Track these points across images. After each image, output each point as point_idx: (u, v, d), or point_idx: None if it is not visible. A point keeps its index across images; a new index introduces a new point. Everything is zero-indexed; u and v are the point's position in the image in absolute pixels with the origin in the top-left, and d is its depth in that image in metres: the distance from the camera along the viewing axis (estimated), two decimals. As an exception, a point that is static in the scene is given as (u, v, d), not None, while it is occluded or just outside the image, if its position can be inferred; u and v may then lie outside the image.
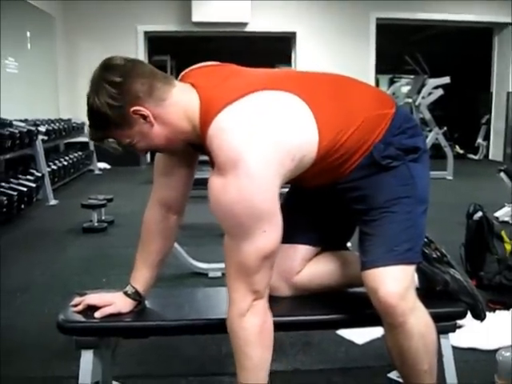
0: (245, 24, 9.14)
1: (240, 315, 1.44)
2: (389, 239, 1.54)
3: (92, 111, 1.45)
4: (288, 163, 1.43)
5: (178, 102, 1.48)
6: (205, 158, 1.60)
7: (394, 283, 1.50)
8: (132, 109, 1.43)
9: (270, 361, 1.49)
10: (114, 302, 1.67)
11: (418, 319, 1.55)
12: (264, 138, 1.39)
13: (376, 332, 2.43)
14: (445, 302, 1.74)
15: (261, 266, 1.43)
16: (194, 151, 1.62)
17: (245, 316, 1.44)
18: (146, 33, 9.31)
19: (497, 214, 4.80)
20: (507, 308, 2.73)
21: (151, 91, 1.44)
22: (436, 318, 1.61)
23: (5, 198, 4.68)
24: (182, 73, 1.61)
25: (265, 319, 1.47)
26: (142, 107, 1.44)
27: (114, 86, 1.42)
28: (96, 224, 4.72)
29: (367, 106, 1.59)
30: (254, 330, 1.44)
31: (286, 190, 1.80)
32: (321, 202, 1.75)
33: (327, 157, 1.52)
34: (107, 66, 1.46)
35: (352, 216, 1.66)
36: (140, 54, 8.98)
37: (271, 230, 1.42)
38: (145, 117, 1.45)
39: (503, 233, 3.17)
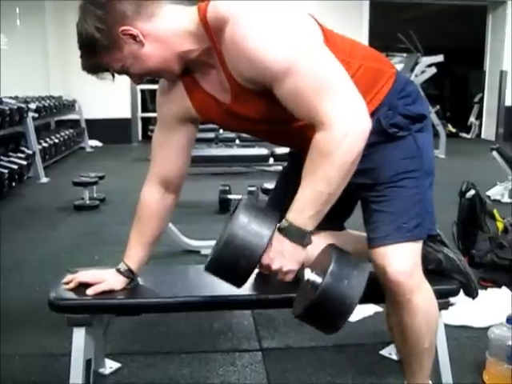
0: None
1: (346, 133, 1.25)
2: (397, 215, 1.50)
3: (81, 38, 1.41)
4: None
5: (171, 13, 1.42)
6: (202, 135, 1.57)
7: (403, 261, 1.48)
8: (120, 29, 1.38)
9: None
10: (106, 279, 1.65)
11: (423, 296, 1.54)
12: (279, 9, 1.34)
13: (368, 310, 2.44)
14: (438, 279, 1.73)
15: (341, 79, 1.29)
16: (191, 109, 1.57)
17: (350, 135, 1.25)
18: None
19: (489, 193, 4.82)
20: (498, 286, 2.74)
21: (139, 9, 1.39)
22: (430, 295, 1.61)
23: (-5, 176, 4.66)
24: None
25: (363, 148, 1.29)
26: (131, 26, 1.39)
27: (100, 7, 1.37)
28: (87, 202, 4.71)
29: (367, 57, 1.54)
30: (353, 154, 1.27)
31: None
32: None
33: None
34: None
35: (355, 192, 1.57)
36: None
37: (319, 43, 1.33)
38: (134, 36, 1.39)
39: (495, 211, 3.17)
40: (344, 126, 1.25)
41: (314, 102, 1.27)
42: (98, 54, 1.42)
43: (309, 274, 1.36)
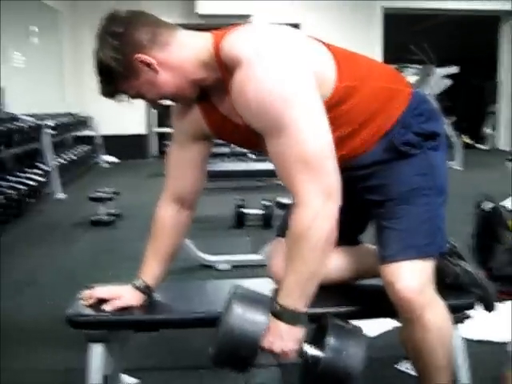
0: (248, 16, 9.10)
1: (313, 218, 1.32)
2: (408, 233, 1.51)
3: (98, 66, 1.45)
4: (312, 63, 1.40)
5: (185, 42, 1.46)
6: (216, 150, 1.58)
7: (412, 277, 1.48)
8: (136, 58, 1.42)
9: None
10: (123, 295, 1.66)
11: (436, 314, 1.52)
12: (285, 36, 1.40)
13: (388, 324, 2.42)
14: (454, 293, 1.72)
15: (320, 156, 1.33)
16: (205, 126, 1.60)
17: (318, 219, 1.32)
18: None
19: (505, 203, 4.78)
20: (517, 298, 2.72)
21: (154, 38, 1.43)
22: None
23: (14, 192, 4.70)
24: None
25: (334, 227, 1.36)
26: (146, 55, 1.42)
27: (117, 37, 1.41)
28: (104, 217, 4.74)
29: (385, 78, 1.56)
30: (323, 236, 1.34)
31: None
32: None
33: (341, 107, 1.45)
34: (110, 19, 1.46)
35: (367, 208, 1.62)
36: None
37: (315, 112, 1.34)
38: (149, 64, 1.43)
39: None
40: (313, 208, 1.33)
41: (292, 177, 1.35)
42: (114, 82, 1.46)
43: (309, 349, 1.41)
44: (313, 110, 1.35)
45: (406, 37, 10.29)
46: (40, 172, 5.57)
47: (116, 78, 1.45)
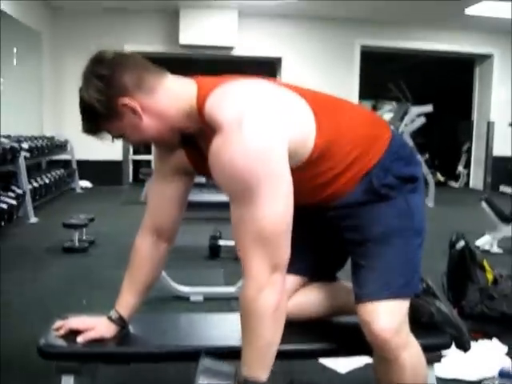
0: (231, 48, 9.20)
1: (258, 290, 1.34)
2: (385, 273, 1.53)
3: (82, 104, 1.45)
4: (291, 131, 1.39)
5: (170, 89, 1.46)
6: (194, 180, 1.59)
7: (389, 318, 1.49)
8: (120, 102, 1.42)
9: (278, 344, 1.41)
10: (96, 327, 1.64)
11: (411, 354, 1.54)
12: (267, 103, 1.38)
13: (359, 361, 2.42)
14: (430, 332, 1.74)
15: (277, 233, 1.35)
16: (187, 162, 1.61)
17: (263, 291, 1.34)
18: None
19: (478, 243, 4.85)
20: (489, 337, 2.74)
21: (140, 83, 1.43)
22: (421, 348, 1.60)
23: (-15, 216, 4.63)
24: None
25: (282, 297, 1.39)
26: (131, 100, 1.42)
27: (102, 80, 1.42)
28: (77, 244, 4.67)
29: (364, 124, 1.59)
30: (270, 307, 1.35)
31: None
32: (312, 231, 1.73)
33: (320, 161, 1.48)
34: (97, 60, 1.46)
35: (345, 246, 1.64)
36: (126, 73, 8.97)
37: (281, 193, 1.34)
38: (133, 109, 1.43)
39: (485, 262, 3.18)
40: (258, 281, 1.35)
41: (243, 248, 1.37)
42: (96, 121, 1.47)
43: None
44: (279, 189, 1.35)
45: (383, 74, 10.51)
46: (13, 195, 5.49)
47: (98, 118, 1.45)
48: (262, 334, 1.37)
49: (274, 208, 1.33)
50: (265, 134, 1.32)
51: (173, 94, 1.46)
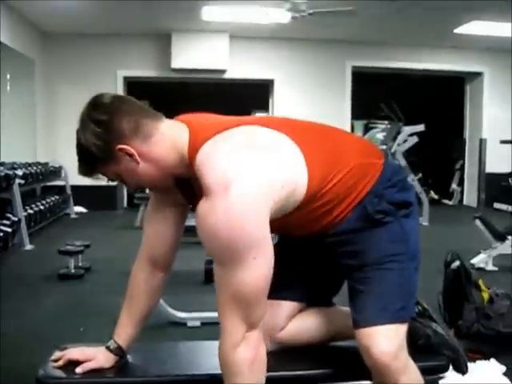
0: (223, 71, 9.27)
1: (233, 346, 1.38)
2: (382, 297, 1.54)
3: (79, 147, 1.47)
4: (278, 190, 1.41)
5: (166, 136, 1.48)
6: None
7: (388, 342, 1.51)
8: (117, 147, 1.44)
9: None
10: (95, 357, 1.65)
11: (410, 378, 1.55)
12: (254, 162, 1.38)
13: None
14: (427, 355, 1.75)
15: (254, 296, 1.38)
16: (183, 198, 1.62)
17: (238, 347, 1.38)
18: (125, 78, 9.39)
19: (473, 261, 4.86)
20: (487, 357, 2.74)
21: (137, 129, 1.45)
22: (419, 371, 1.61)
23: (-20, 244, 4.62)
24: (175, 117, 1.61)
25: (258, 351, 1.41)
26: (128, 145, 1.44)
27: (100, 125, 1.43)
28: (72, 270, 4.65)
29: (356, 154, 1.60)
30: (246, 362, 1.39)
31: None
32: (308, 257, 1.75)
33: (314, 200, 1.50)
34: (94, 104, 1.47)
35: (342, 271, 1.65)
36: (119, 98, 9.00)
37: (262, 258, 1.37)
38: (130, 155, 1.45)
39: (480, 281, 3.20)
40: (232, 339, 1.39)
41: (222, 306, 1.41)
42: (93, 164, 1.49)
43: None
44: (258, 255, 1.36)
45: (375, 94, 10.60)
46: (8, 222, 5.48)
47: (95, 161, 1.47)
48: None
49: (253, 273, 1.36)
50: (248, 202, 1.34)
51: (168, 142, 1.48)
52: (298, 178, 1.47)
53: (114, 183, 1.57)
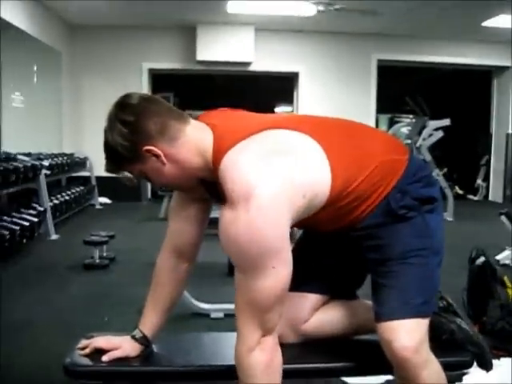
0: (248, 63, 9.27)
1: (248, 350, 1.42)
2: (405, 292, 1.55)
3: (106, 146, 1.49)
4: (299, 200, 1.42)
5: (191, 139, 1.49)
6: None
7: (409, 337, 1.51)
8: (144, 148, 1.46)
9: None
10: (121, 346, 1.67)
11: (431, 372, 1.55)
12: (276, 173, 1.39)
13: (380, 378, 2.42)
14: (451, 351, 1.74)
15: (271, 304, 1.41)
16: (207, 194, 1.63)
17: (253, 351, 1.41)
18: (150, 70, 9.44)
19: (498, 257, 4.81)
20: (511, 355, 2.72)
21: (164, 130, 1.46)
22: (442, 367, 1.60)
23: (7, 233, 4.69)
24: (199, 115, 1.62)
25: (273, 355, 1.44)
26: (154, 146, 1.46)
27: (127, 126, 1.45)
28: (97, 261, 4.70)
29: (381, 151, 1.60)
30: (261, 366, 1.42)
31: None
32: (333, 250, 1.76)
33: (340, 199, 1.51)
34: (122, 105, 1.49)
35: (366, 265, 1.66)
36: (144, 90, 9.04)
37: (281, 267, 1.39)
38: (157, 155, 1.47)
39: (506, 278, 3.17)
40: (248, 344, 1.42)
41: (239, 311, 1.44)
42: (119, 163, 1.52)
43: None
44: (277, 265, 1.39)
45: (400, 88, 10.52)
46: (34, 212, 5.56)
47: (122, 160, 1.50)
48: None
49: (271, 282, 1.39)
50: (268, 214, 1.36)
51: (193, 145, 1.49)
52: (321, 181, 1.48)
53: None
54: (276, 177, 1.38)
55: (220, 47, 8.90)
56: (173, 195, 1.78)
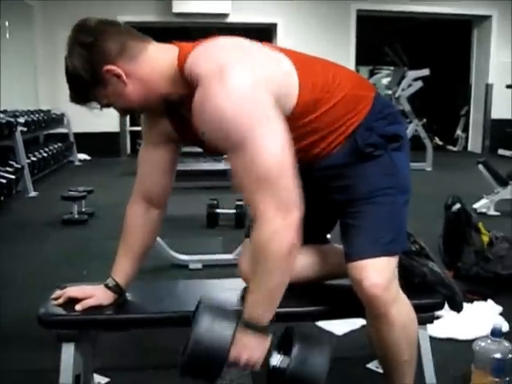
0: (225, 15, 9.11)
1: (274, 232, 1.33)
2: (373, 230, 1.55)
3: (68, 73, 1.46)
4: (275, 84, 1.40)
5: (153, 55, 1.47)
6: (186, 149, 1.59)
7: (378, 274, 1.52)
8: (104, 68, 1.43)
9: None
10: (94, 295, 1.67)
11: (401, 310, 1.57)
12: (248, 55, 1.40)
13: (354, 323, 2.46)
14: (423, 293, 1.76)
15: (277, 170, 1.33)
16: (173, 131, 1.62)
17: (279, 233, 1.33)
18: (126, 23, 9.21)
19: (475, 206, 4.87)
20: (484, 298, 2.77)
21: (124, 49, 1.44)
22: (414, 309, 1.64)
23: (-17, 190, 4.65)
24: None
25: (296, 238, 1.36)
26: (114, 66, 1.43)
27: (86, 47, 1.42)
28: (76, 216, 4.70)
29: (349, 85, 1.59)
30: (285, 249, 1.35)
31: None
32: (303, 194, 1.74)
33: (304, 117, 1.49)
34: (80, 28, 1.46)
35: (334, 207, 1.66)
36: (120, 44, 8.87)
37: (273, 131, 1.34)
38: (118, 76, 1.44)
39: (480, 225, 3.21)
40: (272, 223, 1.34)
41: (251, 194, 1.36)
42: (82, 89, 1.48)
43: (275, 358, 1.46)
44: (273, 128, 1.35)
45: (380, 39, 10.42)
46: (11, 170, 5.49)
47: (84, 86, 1.46)
48: (274, 276, 1.38)
49: (272, 148, 1.33)
50: (246, 78, 1.34)
51: (156, 59, 1.47)
52: (290, 84, 1.46)
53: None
54: (249, 57, 1.40)
55: (197, -2, 8.72)
56: (142, 142, 1.75)
